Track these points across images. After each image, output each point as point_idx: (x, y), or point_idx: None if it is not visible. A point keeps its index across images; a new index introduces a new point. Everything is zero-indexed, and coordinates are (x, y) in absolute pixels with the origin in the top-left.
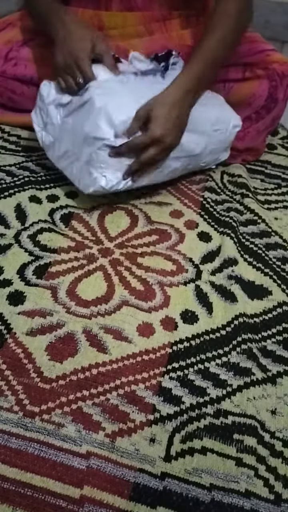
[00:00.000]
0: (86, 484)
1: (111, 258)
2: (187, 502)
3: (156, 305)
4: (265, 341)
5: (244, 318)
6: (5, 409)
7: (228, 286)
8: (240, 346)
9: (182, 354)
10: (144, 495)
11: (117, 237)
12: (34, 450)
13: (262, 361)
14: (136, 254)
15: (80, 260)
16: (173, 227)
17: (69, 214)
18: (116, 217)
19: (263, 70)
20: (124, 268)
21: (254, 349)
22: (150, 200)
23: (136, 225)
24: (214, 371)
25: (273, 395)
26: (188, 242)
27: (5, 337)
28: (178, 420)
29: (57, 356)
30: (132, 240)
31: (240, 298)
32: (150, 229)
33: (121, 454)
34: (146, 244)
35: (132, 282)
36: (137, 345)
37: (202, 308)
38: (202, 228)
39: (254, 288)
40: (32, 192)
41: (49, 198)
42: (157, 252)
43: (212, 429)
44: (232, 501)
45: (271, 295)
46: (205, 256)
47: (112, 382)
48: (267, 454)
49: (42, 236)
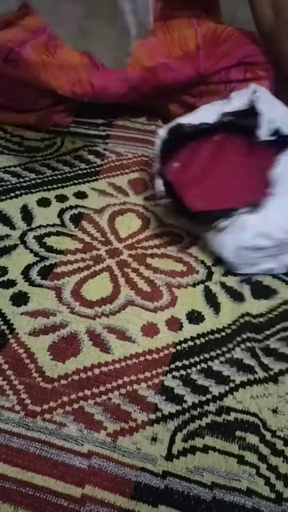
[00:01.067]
0: (88, 483)
1: (119, 259)
2: (189, 500)
3: (162, 305)
4: (268, 339)
5: (249, 318)
6: (6, 408)
7: (239, 288)
8: (244, 343)
9: (185, 353)
10: (146, 494)
11: (127, 238)
12: (36, 450)
13: (264, 360)
14: (146, 255)
15: (86, 261)
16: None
17: (79, 214)
18: (127, 218)
19: (264, 71)
20: (132, 270)
21: (256, 348)
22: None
23: (147, 227)
24: (217, 369)
25: (275, 394)
26: (202, 245)
27: (7, 337)
28: (180, 419)
29: (59, 356)
30: (143, 241)
31: (247, 298)
32: (162, 231)
33: (122, 453)
34: (156, 246)
35: (139, 283)
36: (141, 345)
37: (209, 308)
38: None
39: (261, 288)
40: (40, 195)
41: (58, 198)
42: (168, 254)
43: (214, 427)
44: (234, 499)
45: (277, 294)
46: (218, 258)
47: (114, 382)
48: (268, 452)
49: (49, 238)
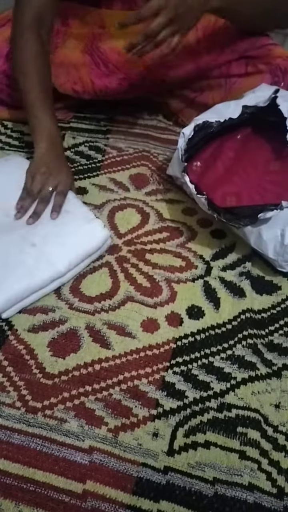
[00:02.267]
0: (89, 479)
1: (118, 255)
2: (190, 496)
3: (162, 300)
4: (272, 335)
5: (251, 314)
6: (7, 405)
7: (238, 282)
8: (246, 340)
9: (186, 349)
10: (147, 489)
11: (126, 233)
12: (37, 446)
13: (267, 356)
14: (145, 250)
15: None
16: (186, 225)
17: None
18: (127, 214)
19: (265, 65)
20: (131, 265)
21: (259, 344)
22: (162, 197)
23: (147, 222)
24: (218, 365)
25: (278, 389)
26: (200, 240)
27: (6, 334)
28: (181, 415)
29: (59, 352)
30: (142, 237)
31: (248, 293)
32: (161, 226)
33: (124, 449)
34: (156, 241)
35: (138, 278)
36: (141, 341)
37: (209, 303)
38: (217, 226)
39: (263, 284)
40: None
41: None
42: (167, 249)
43: (215, 423)
44: (235, 494)
45: (280, 290)
46: (217, 253)
47: (114, 377)
48: (270, 448)
49: None
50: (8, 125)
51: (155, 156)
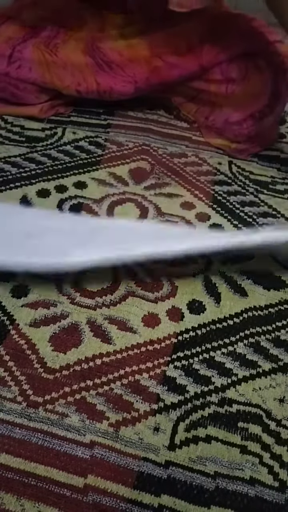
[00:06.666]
0: (90, 473)
1: None
2: (191, 490)
3: (163, 295)
4: (279, 331)
5: (254, 312)
6: (8, 399)
7: (239, 280)
8: (247, 339)
9: (187, 343)
10: (148, 484)
11: None
12: (38, 440)
13: (273, 352)
14: None
15: None
16: (184, 219)
17: (79, 204)
18: (126, 208)
19: (267, 64)
20: None
21: (263, 341)
22: (160, 191)
23: (146, 217)
24: (220, 360)
25: (283, 384)
26: None
27: (7, 329)
28: (182, 409)
29: (60, 347)
30: None
31: (251, 293)
32: (159, 220)
33: (125, 443)
34: None
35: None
36: (142, 336)
37: (210, 298)
38: (215, 220)
39: (271, 279)
40: (40, 186)
41: (58, 189)
42: None
43: (216, 418)
44: (237, 488)
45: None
46: None
47: (116, 372)
48: (272, 442)
49: None
50: (9, 119)
51: (155, 150)
